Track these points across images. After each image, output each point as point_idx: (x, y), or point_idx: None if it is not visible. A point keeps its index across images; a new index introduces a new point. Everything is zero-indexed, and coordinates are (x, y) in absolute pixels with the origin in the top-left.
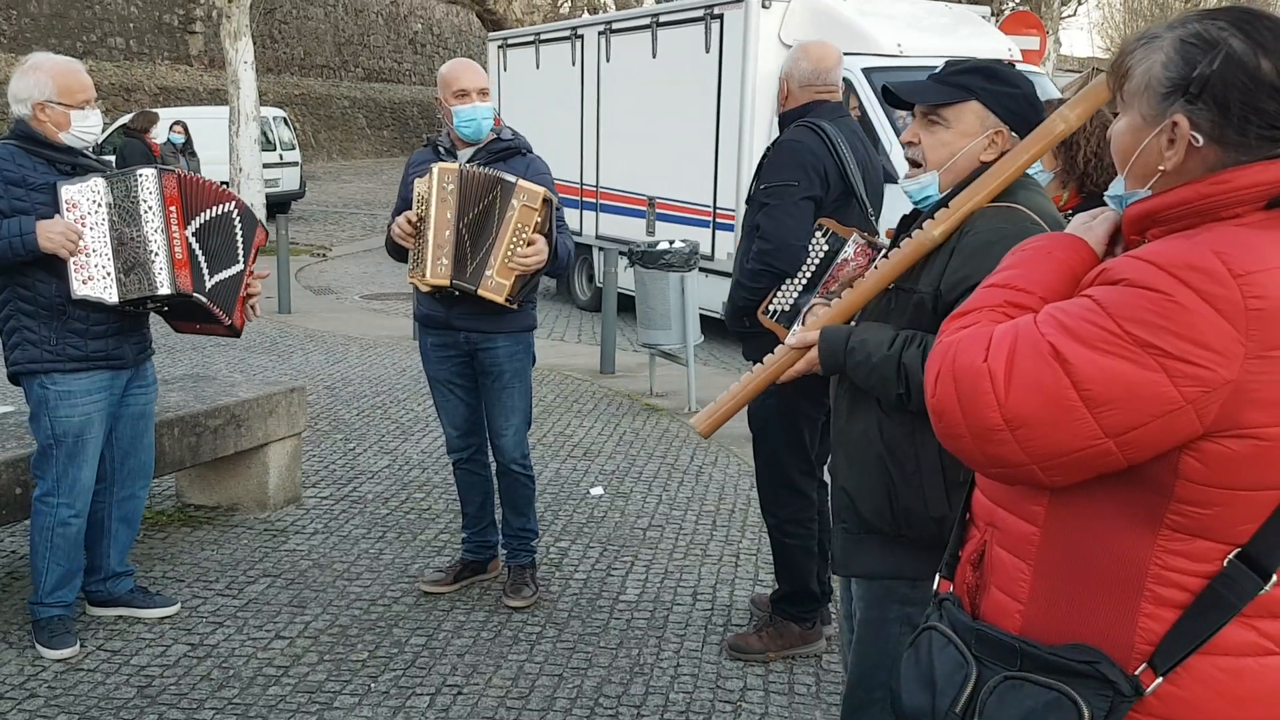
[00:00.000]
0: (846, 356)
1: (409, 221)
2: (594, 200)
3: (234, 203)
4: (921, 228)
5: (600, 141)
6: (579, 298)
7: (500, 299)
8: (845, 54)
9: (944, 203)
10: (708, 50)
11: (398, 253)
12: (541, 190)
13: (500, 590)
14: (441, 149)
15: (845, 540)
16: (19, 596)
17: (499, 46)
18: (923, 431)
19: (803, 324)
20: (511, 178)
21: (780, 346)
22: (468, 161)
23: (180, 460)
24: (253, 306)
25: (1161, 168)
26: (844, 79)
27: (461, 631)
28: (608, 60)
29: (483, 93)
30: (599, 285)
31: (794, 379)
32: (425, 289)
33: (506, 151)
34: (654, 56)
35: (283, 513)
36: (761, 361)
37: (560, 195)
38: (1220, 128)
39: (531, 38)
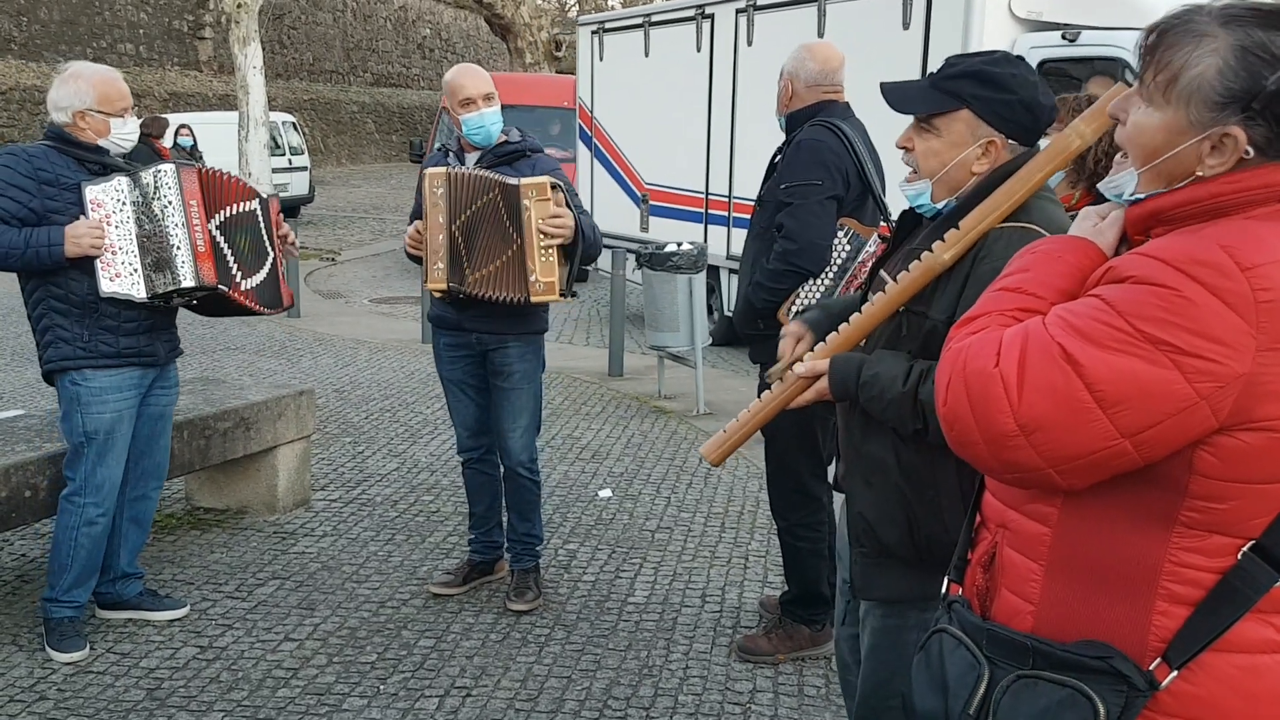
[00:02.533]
0: (860, 390)
1: (417, 230)
2: (724, 214)
3: (257, 200)
4: (931, 250)
5: (736, 142)
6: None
7: (554, 297)
8: (1113, 29)
9: (952, 220)
10: (906, 26)
11: (417, 258)
12: (545, 179)
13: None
14: (451, 152)
15: (865, 565)
16: (29, 599)
17: (593, 32)
18: (941, 455)
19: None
20: (513, 180)
21: (788, 373)
22: (475, 164)
23: (190, 463)
24: (289, 250)
25: (1200, 173)
26: (1118, 59)
27: (470, 633)
28: (749, 44)
29: (488, 98)
30: (728, 315)
31: (804, 406)
32: (436, 294)
33: (513, 154)
34: (820, 36)
35: (291, 515)
36: (769, 388)
37: (679, 207)
38: (1273, 143)
39: (640, 20)
